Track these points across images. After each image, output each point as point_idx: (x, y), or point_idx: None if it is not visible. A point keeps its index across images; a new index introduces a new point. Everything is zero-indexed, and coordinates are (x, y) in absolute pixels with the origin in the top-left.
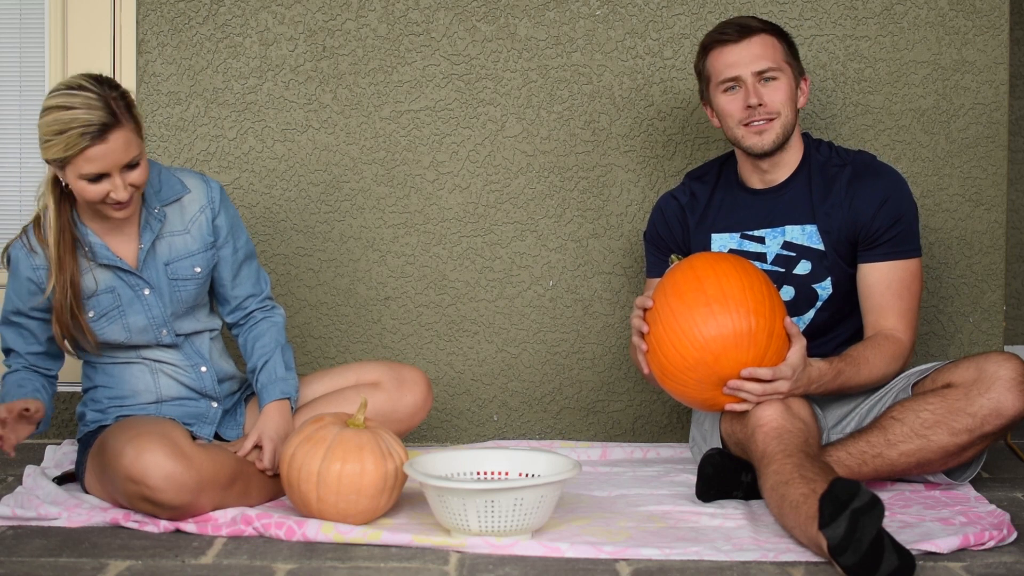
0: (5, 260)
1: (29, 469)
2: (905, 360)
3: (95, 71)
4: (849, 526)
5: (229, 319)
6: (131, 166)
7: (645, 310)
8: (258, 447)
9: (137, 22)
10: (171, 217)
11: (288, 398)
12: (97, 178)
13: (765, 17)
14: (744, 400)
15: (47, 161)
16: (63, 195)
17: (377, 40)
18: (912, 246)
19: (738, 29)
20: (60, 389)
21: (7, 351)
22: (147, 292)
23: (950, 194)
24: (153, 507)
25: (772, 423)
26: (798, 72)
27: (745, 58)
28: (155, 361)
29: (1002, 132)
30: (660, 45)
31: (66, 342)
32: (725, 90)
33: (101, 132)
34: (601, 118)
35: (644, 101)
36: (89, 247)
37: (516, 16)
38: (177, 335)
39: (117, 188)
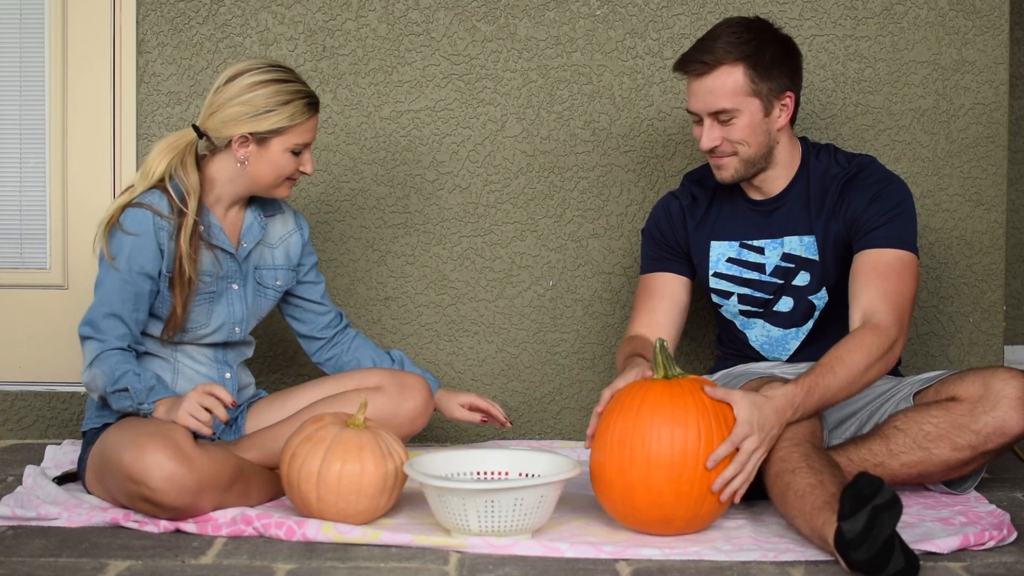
0: (110, 231)
1: (29, 469)
2: (889, 346)
3: (95, 71)
4: (868, 522)
5: (320, 333)
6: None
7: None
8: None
9: (137, 22)
10: (269, 229)
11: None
12: (299, 151)
13: (765, 16)
14: (738, 488)
15: (256, 133)
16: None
17: (377, 40)
18: (905, 238)
19: (698, 66)
20: (60, 389)
21: (106, 319)
22: (235, 287)
23: (950, 194)
24: (153, 507)
25: None
26: (773, 93)
27: (702, 96)
28: (185, 355)
29: (1002, 132)
30: (660, 45)
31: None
32: (692, 119)
33: (318, 105)
34: (601, 118)
35: (644, 101)
36: (207, 226)
37: (516, 16)
38: (244, 338)
39: (308, 162)
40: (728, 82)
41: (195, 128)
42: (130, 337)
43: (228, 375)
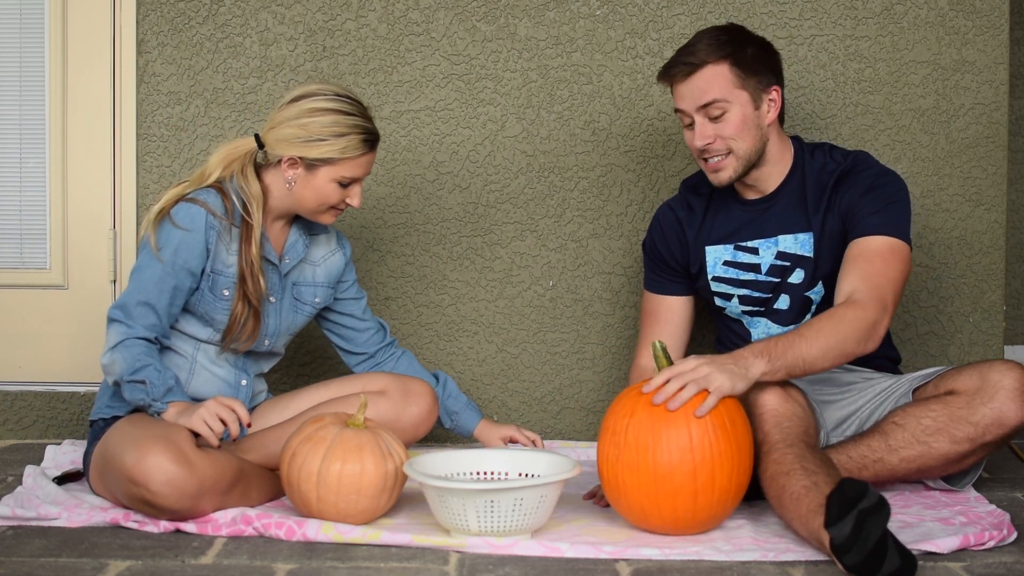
0: (160, 222)
1: (29, 469)
2: (867, 323)
3: (95, 71)
4: (855, 526)
5: (361, 349)
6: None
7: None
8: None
9: (137, 22)
10: (312, 248)
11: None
12: (347, 184)
13: (765, 16)
14: (676, 394)
15: (305, 159)
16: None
17: (377, 40)
18: (896, 225)
19: (683, 68)
20: (60, 389)
21: (139, 306)
22: (272, 300)
23: (950, 194)
24: (153, 510)
25: (772, 409)
26: (760, 88)
27: (691, 95)
28: (205, 356)
29: (1002, 132)
30: (660, 45)
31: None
32: (684, 124)
33: (375, 142)
34: (601, 118)
35: (644, 101)
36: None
37: (516, 16)
38: (273, 349)
39: (356, 196)
40: (715, 77)
41: (256, 137)
42: (159, 328)
43: (244, 382)
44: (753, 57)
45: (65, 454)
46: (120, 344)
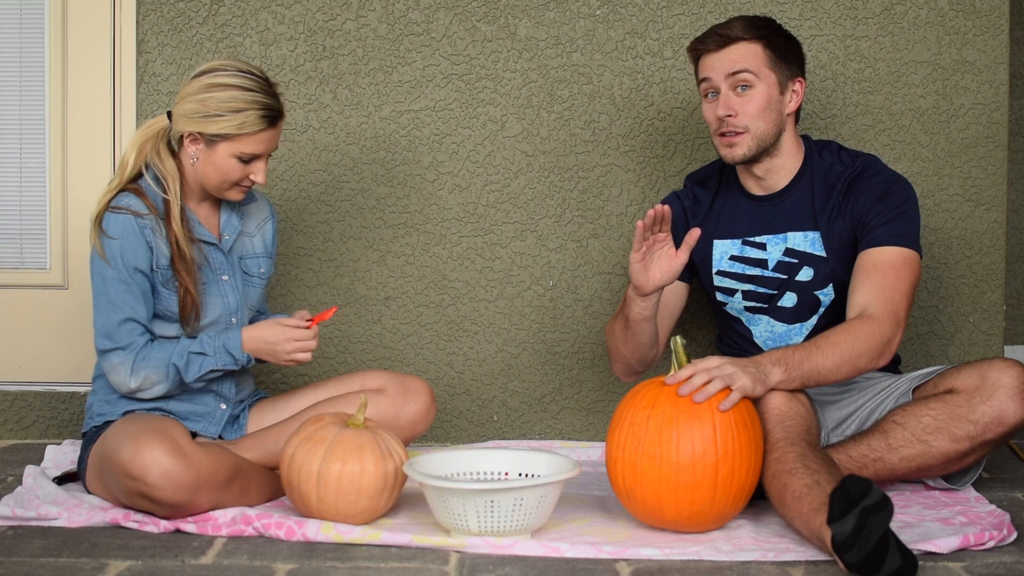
0: (100, 236)
1: (29, 469)
2: (882, 340)
3: (95, 71)
4: (858, 524)
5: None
6: (269, 155)
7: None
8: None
9: (137, 22)
10: (246, 218)
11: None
12: (249, 160)
13: (766, 14)
14: (703, 387)
15: (204, 134)
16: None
17: (377, 40)
18: (907, 235)
19: (717, 39)
20: (60, 389)
21: (121, 326)
22: (225, 278)
23: (950, 194)
24: (151, 504)
25: (776, 408)
26: (787, 75)
27: (720, 64)
28: None
29: (1002, 132)
30: (660, 45)
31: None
32: (705, 96)
33: (275, 118)
34: (601, 118)
35: (644, 101)
36: (186, 220)
37: (516, 16)
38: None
39: (260, 172)
40: (748, 52)
41: (169, 115)
42: (147, 331)
43: None
44: (785, 45)
45: (65, 454)
46: (136, 365)
